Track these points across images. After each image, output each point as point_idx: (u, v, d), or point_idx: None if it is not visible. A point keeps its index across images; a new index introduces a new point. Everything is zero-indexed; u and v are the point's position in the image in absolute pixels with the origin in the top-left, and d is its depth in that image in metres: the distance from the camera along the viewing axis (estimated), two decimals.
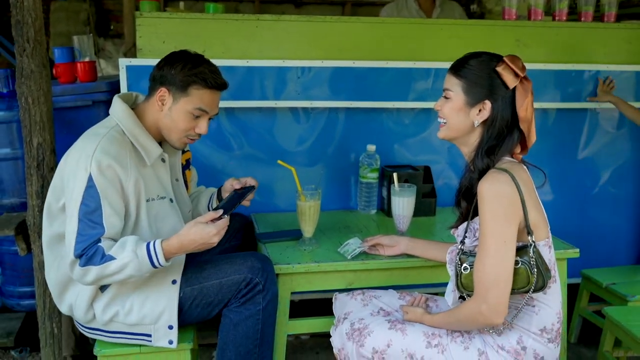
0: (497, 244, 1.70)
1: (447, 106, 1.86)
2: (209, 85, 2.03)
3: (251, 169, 2.87)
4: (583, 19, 3.14)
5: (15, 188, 2.72)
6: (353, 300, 2.15)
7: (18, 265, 3.10)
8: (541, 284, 1.74)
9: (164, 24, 2.68)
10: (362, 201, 2.91)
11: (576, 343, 3.10)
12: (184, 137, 2.09)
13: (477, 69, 1.81)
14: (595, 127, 3.18)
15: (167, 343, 2.06)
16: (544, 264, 1.76)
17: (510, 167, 1.77)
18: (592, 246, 3.08)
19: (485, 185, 1.72)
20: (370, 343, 1.90)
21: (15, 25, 2.38)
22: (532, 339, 1.80)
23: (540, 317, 1.80)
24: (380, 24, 2.88)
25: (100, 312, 2.05)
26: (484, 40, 2.92)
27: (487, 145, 1.82)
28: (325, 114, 2.92)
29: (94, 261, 1.88)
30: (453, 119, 1.85)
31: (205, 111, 2.06)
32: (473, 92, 1.81)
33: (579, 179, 3.23)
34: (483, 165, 1.81)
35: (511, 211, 1.71)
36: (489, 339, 1.83)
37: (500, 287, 1.70)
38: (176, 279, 2.06)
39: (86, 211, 1.90)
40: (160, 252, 1.91)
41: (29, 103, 2.43)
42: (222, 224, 1.96)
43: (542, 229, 1.79)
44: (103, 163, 1.91)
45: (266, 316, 2.10)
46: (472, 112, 1.82)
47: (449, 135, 1.89)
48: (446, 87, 1.87)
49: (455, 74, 1.85)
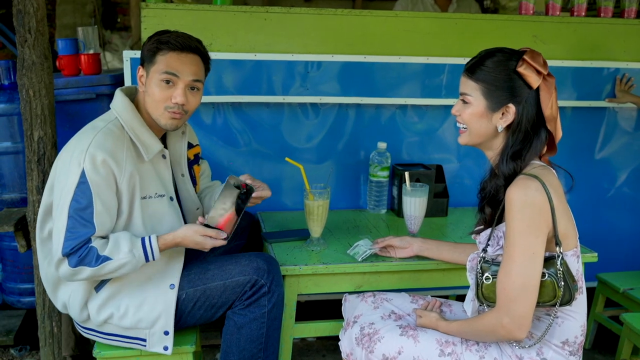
0: (525, 255, 1.60)
1: (467, 112, 1.74)
2: (172, 47, 1.93)
3: (258, 166, 2.82)
4: (602, 14, 3.06)
5: (15, 183, 2.68)
6: (363, 303, 2.07)
7: (19, 261, 3.05)
8: (568, 298, 1.65)
9: (170, 16, 2.60)
10: (372, 200, 2.83)
11: (591, 349, 3.01)
12: (164, 112, 1.96)
13: (495, 71, 1.69)
14: (613, 126, 3.09)
15: (162, 349, 1.99)
16: (571, 276, 1.66)
17: (540, 172, 1.67)
18: (609, 249, 2.99)
19: (514, 193, 1.62)
20: (381, 349, 1.82)
21: (17, 15, 2.33)
22: (552, 350, 1.72)
23: (562, 329, 1.71)
24: (393, 17, 2.80)
25: (94, 313, 1.99)
26: (499, 36, 2.84)
27: (513, 149, 1.71)
28: (335, 110, 2.84)
29: (87, 262, 1.84)
30: (474, 125, 1.75)
31: (174, 74, 1.93)
32: (494, 96, 1.70)
33: (596, 180, 3.14)
34: (509, 171, 1.70)
35: (541, 221, 1.61)
36: (507, 348, 1.74)
37: (526, 300, 1.61)
38: (174, 283, 1.99)
39: (77, 207, 1.84)
40: (156, 249, 1.91)
41: (29, 95, 2.37)
42: (218, 243, 1.96)
43: (571, 238, 1.69)
44: (97, 158, 1.85)
45: (271, 319, 2.03)
46: (495, 117, 1.72)
47: (472, 141, 1.78)
48: (464, 92, 1.76)
49: (472, 77, 1.73)
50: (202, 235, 1.93)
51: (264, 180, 2.18)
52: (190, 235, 1.93)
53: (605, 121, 3.08)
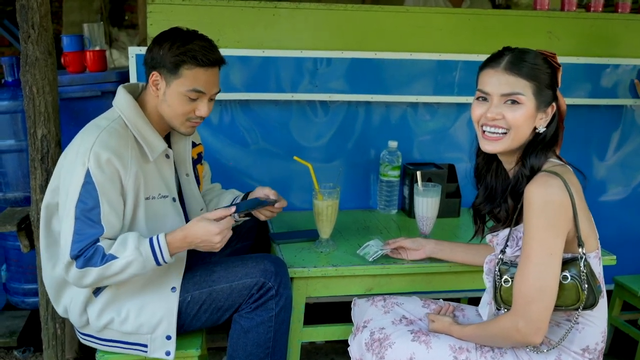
0: (542, 255, 1.54)
1: (519, 113, 1.61)
2: (200, 64, 1.86)
3: (266, 165, 2.77)
4: (620, 10, 3.01)
5: (19, 181, 2.64)
6: (373, 307, 2.01)
7: (23, 261, 3.02)
8: (592, 301, 1.58)
9: (176, 11, 2.56)
10: (383, 200, 2.77)
11: (607, 354, 2.94)
12: (186, 122, 1.94)
13: (543, 67, 1.62)
14: (630, 125, 3.02)
15: (163, 354, 1.94)
16: (595, 278, 1.60)
17: (560, 170, 1.61)
18: (626, 251, 2.91)
19: (535, 190, 1.55)
20: (392, 356, 1.76)
21: (20, 10, 2.29)
22: (572, 358, 1.66)
23: (583, 336, 1.65)
24: (404, 13, 2.74)
25: (94, 318, 1.94)
26: (514, 32, 2.78)
27: (544, 143, 1.65)
28: (345, 108, 2.79)
29: (93, 262, 1.77)
30: (522, 128, 1.63)
31: (202, 91, 1.90)
32: (543, 94, 1.63)
33: (612, 180, 3.08)
34: (540, 164, 1.64)
35: (562, 220, 1.55)
36: (524, 355, 1.68)
37: (543, 303, 1.54)
38: (175, 286, 1.94)
39: (83, 209, 1.78)
40: (165, 247, 1.81)
41: (33, 92, 2.33)
42: (225, 223, 1.84)
43: (592, 239, 1.63)
44: (102, 157, 1.79)
45: (279, 323, 1.98)
46: (538, 117, 1.64)
47: (512, 146, 1.66)
48: (514, 91, 1.61)
49: (520, 74, 1.61)
50: (208, 219, 1.83)
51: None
52: (195, 223, 1.84)
53: (622, 119, 3.01)
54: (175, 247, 1.84)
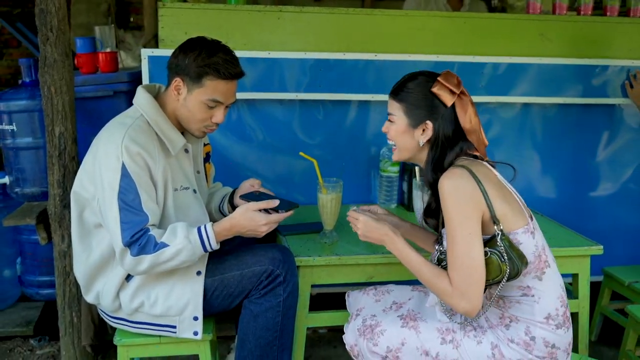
0: (463, 235, 1.72)
1: (392, 129, 1.92)
2: (222, 76, 1.99)
3: (271, 162, 2.87)
4: (609, 13, 3.10)
5: (36, 177, 2.73)
6: (365, 296, 2.16)
7: (38, 254, 3.12)
8: (516, 272, 1.74)
9: (186, 15, 2.67)
10: (383, 195, 2.89)
11: (597, 341, 3.06)
12: (202, 127, 2.08)
13: (415, 92, 1.88)
14: (619, 123, 3.13)
15: (192, 334, 2.06)
16: (516, 251, 1.76)
17: (466, 163, 1.82)
18: (614, 244, 3.04)
19: (444, 181, 1.77)
20: (385, 342, 1.90)
21: (39, 14, 2.38)
22: (539, 327, 1.81)
23: (541, 306, 1.81)
24: (404, 16, 2.86)
25: (127, 302, 2.05)
26: (507, 34, 2.89)
27: (434, 161, 1.87)
28: (346, 107, 2.90)
29: (147, 250, 1.90)
30: (400, 141, 1.92)
31: (220, 102, 2.03)
32: (414, 114, 1.88)
33: (601, 176, 3.19)
34: (433, 180, 1.87)
35: (472, 203, 1.74)
36: (500, 333, 1.85)
37: (478, 284, 1.72)
38: (201, 270, 2.05)
39: (124, 199, 1.91)
40: (212, 236, 1.96)
41: (51, 92, 2.43)
42: (274, 218, 2.00)
43: (517, 217, 1.80)
44: (132, 150, 1.92)
45: (287, 308, 2.09)
46: (416, 133, 1.88)
47: (402, 156, 1.95)
48: (389, 112, 1.93)
49: (396, 98, 1.91)
50: (253, 210, 1.98)
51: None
52: (242, 214, 1.98)
53: (611, 118, 3.12)
54: (222, 235, 1.98)
